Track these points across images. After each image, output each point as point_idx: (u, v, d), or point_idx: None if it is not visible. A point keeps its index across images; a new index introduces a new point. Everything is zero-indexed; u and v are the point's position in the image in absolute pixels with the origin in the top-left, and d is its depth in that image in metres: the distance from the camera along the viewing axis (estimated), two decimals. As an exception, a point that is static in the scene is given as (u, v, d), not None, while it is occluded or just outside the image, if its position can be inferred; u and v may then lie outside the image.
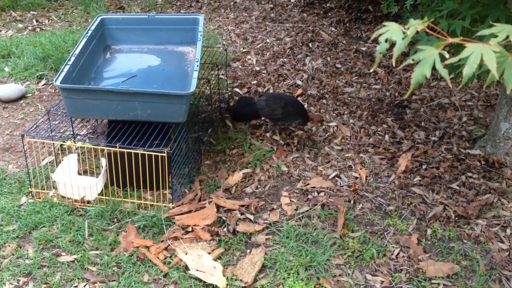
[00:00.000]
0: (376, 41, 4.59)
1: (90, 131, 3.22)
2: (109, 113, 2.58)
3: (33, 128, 2.83)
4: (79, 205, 2.68)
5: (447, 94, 3.78)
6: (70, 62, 2.67)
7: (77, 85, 2.62)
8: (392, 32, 1.31)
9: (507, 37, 1.27)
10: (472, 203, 2.75)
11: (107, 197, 2.70)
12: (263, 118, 3.35)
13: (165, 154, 2.54)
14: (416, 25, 1.31)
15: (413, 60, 1.30)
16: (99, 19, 3.19)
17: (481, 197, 2.79)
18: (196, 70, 2.69)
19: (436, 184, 2.90)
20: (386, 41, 1.32)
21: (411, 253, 2.48)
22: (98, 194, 2.72)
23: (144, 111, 2.58)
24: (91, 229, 2.54)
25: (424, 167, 3.04)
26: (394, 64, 1.41)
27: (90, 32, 3.05)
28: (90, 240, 2.49)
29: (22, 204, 2.70)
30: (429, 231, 2.60)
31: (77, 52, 2.84)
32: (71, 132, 3.06)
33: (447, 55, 1.26)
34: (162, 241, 2.49)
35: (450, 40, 1.30)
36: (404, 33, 1.31)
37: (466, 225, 2.63)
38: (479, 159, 3.07)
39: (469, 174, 2.96)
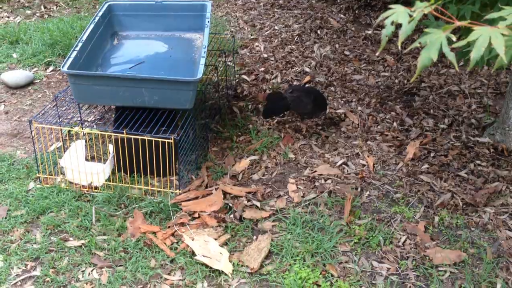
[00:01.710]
0: (383, 26, 4.55)
1: (98, 117, 3.22)
2: (116, 99, 2.58)
3: (41, 114, 2.84)
4: (87, 191, 2.69)
5: (456, 81, 3.75)
6: (77, 48, 2.67)
7: (84, 71, 2.63)
8: (398, 15, 1.29)
9: None
10: (480, 191, 2.73)
11: (114, 183, 2.71)
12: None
13: (172, 141, 2.54)
14: (422, 7, 1.29)
15: (420, 43, 1.29)
16: (106, 5, 3.18)
17: (489, 185, 2.77)
18: (204, 57, 2.68)
19: (444, 171, 2.88)
20: (392, 23, 1.30)
21: (418, 241, 2.47)
22: (106, 180, 2.73)
23: (151, 97, 2.58)
24: (98, 214, 2.55)
25: (432, 154, 3.02)
26: (399, 48, 1.39)
27: (97, 18, 3.05)
28: (98, 225, 2.51)
29: (30, 190, 2.72)
30: (436, 219, 2.59)
31: (84, 38, 2.83)
32: (79, 118, 3.07)
33: (454, 38, 1.24)
34: (168, 227, 2.50)
35: (458, 23, 1.28)
36: (410, 16, 1.29)
37: (474, 212, 2.62)
38: (488, 147, 3.04)
39: (478, 162, 2.94)
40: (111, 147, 2.80)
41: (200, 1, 3.36)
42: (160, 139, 2.55)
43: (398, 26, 1.31)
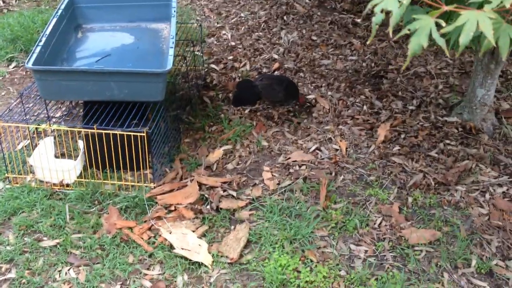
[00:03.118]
0: (350, 11, 4.57)
1: (65, 113, 3.15)
2: (84, 94, 2.53)
3: (6, 112, 2.76)
4: (58, 189, 2.64)
5: (422, 63, 3.80)
6: (41, 43, 2.60)
7: (50, 67, 2.56)
8: (388, 2, 1.29)
9: (501, 2, 1.26)
10: (451, 169, 2.79)
11: (87, 180, 2.66)
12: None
13: (144, 134, 2.51)
14: None
15: (409, 30, 1.29)
16: (68, -3, 3.09)
17: (459, 163, 2.83)
18: (172, 47, 2.64)
19: (415, 152, 2.93)
20: (382, 11, 1.30)
21: (393, 222, 2.51)
22: (77, 177, 2.68)
23: (120, 90, 2.53)
24: (72, 212, 2.50)
25: (402, 136, 3.06)
26: (391, 35, 1.39)
27: (60, 11, 2.97)
28: (72, 223, 2.46)
29: (-1, 190, 2.65)
30: (410, 199, 2.63)
31: (47, 32, 2.75)
32: (46, 115, 2.99)
33: (443, 24, 1.25)
34: (145, 222, 2.48)
35: (445, 8, 1.28)
36: (399, 2, 1.30)
37: (446, 191, 2.67)
38: (456, 126, 3.10)
39: (447, 141, 3.00)
40: (81, 143, 2.74)
41: (165, -10, 3.30)
42: (132, 133, 2.51)
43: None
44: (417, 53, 1.26)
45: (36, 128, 2.92)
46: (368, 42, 3.61)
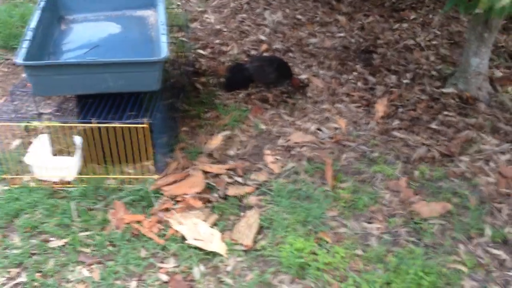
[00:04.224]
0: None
1: (55, 108, 3.04)
2: (79, 87, 2.44)
3: (-5, 112, 2.65)
4: (59, 187, 2.55)
5: (411, 35, 3.79)
6: (28, 38, 2.49)
7: (43, 61, 2.46)
8: None
9: None
10: (453, 140, 2.79)
11: (87, 176, 2.58)
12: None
13: (147, 125, 2.43)
14: None
15: None
16: (50, -12, 2.97)
17: (460, 134, 2.84)
18: (164, 34, 2.56)
19: (415, 125, 2.92)
20: None
21: (402, 197, 2.50)
22: (77, 174, 2.59)
23: (116, 82, 2.44)
24: (77, 210, 2.43)
25: (401, 110, 3.05)
26: None
27: (42, 3, 2.84)
28: (78, 221, 2.39)
29: (-4, 193, 2.55)
30: (416, 173, 2.63)
31: (32, 26, 2.64)
32: (35, 112, 2.89)
33: None
34: (153, 214, 2.42)
35: None
36: None
37: (451, 163, 2.68)
38: (453, 96, 3.11)
39: (446, 112, 3.00)
40: (77, 139, 2.65)
41: (148, -25, 3.20)
42: (133, 125, 2.44)
43: None
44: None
45: (28, 126, 2.82)
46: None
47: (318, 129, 2.94)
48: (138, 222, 2.37)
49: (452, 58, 3.48)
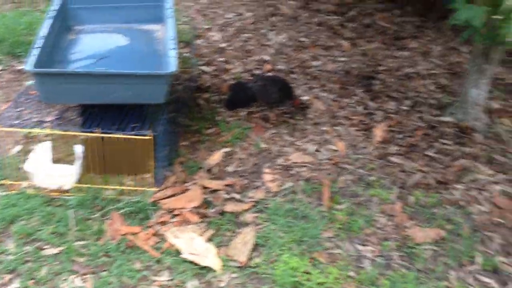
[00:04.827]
0: (335, 13, 4.59)
1: (58, 117, 3.07)
2: (87, 97, 2.47)
3: (-1, 117, 2.68)
4: (57, 195, 2.57)
5: (411, 64, 3.85)
6: (39, 46, 2.53)
7: (54, 69, 2.50)
8: None
9: None
10: (449, 168, 2.83)
11: (86, 185, 2.60)
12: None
13: (150, 138, 2.47)
14: None
15: None
16: (61, -2, 3.03)
17: (456, 162, 2.88)
18: (174, 49, 2.61)
19: (413, 152, 2.96)
20: None
21: (397, 221, 2.53)
22: (75, 183, 2.61)
23: (124, 93, 2.48)
24: (74, 219, 2.44)
25: (399, 136, 3.09)
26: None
27: (52, 12, 2.90)
28: (74, 230, 2.40)
29: (-5, 198, 2.56)
30: (411, 199, 2.66)
31: (42, 34, 2.69)
32: (38, 120, 2.92)
33: None
34: (150, 227, 2.43)
35: None
36: None
37: (446, 190, 2.71)
38: (451, 125, 3.15)
39: (443, 141, 3.04)
40: (78, 148, 2.68)
41: (158, -9, 3.26)
42: (137, 137, 2.47)
43: None
44: None
45: (31, 133, 2.84)
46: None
47: (317, 150, 2.98)
48: (134, 234, 2.39)
49: (451, 88, 3.53)
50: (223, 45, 4.03)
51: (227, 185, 2.69)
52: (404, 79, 3.66)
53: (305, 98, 3.41)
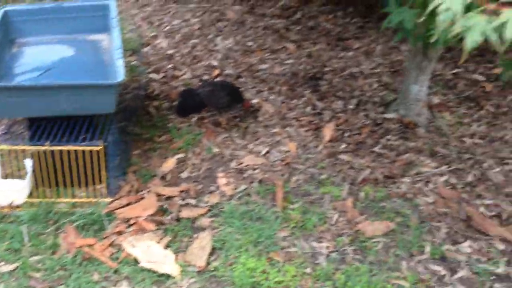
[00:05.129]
0: (280, 17, 4.68)
1: (5, 131, 3.02)
2: (33, 110, 2.45)
3: None
4: (9, 211, 2.52)
5: (355, 63, 3.97)
6: (-19, 60, 2.48)
7: (-4, 84, 2.45)
8: (451, 2, 1.38)
9: None
10: (395, 163, 2.95)
11: (38, 199, 2.56)
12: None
13: (101, 148, 2.46)
14: None
15: (460, 28, 1.38)
16: (2, 11, 2.97)
17: (402, 157, 3.00)
18: (121, 58, 2.61)
19: (360, 149, 3.06)
20: (447, 10, 1.39)
21: (349, 217, 2.62)
22: (27, 197, 2.57)
23: (70, 104, 2.47)
24: (28, 234, 2.41)
25: (347, 134, 3.19)
26: (455, 32, 1.42)
27: (-6, 26, 2.85)
28: (28, 246, 2.37)
29: None
30: (361, 194, 2.75)
31: (-16, 48, 2.64)
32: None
33: (493, 21, 1.35)
34: (105, 238, 2.43)
35: (490, 7, 1.39)
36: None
37: (393, 184, 2.82)
38: (394, 122, 3.28)
39: (388, 137, 3.16)
40: (28, 162, 2.64)
41: (102, 1, 3.25)
42: (87, 148, 2.46)
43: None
44: (473, 50, 1.35)
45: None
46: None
47: (269, 152, 3.04)
48: (90, 245, 2.38)
49: (393, 86, 3.67)
50: (171, 52, 4.05)
51: (181, 191, 2.71)
52: (349, 78, 3.78)
53: (254, 101, 3.47)
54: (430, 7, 1.45)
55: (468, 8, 1.43)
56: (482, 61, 3.89)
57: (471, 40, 1.38)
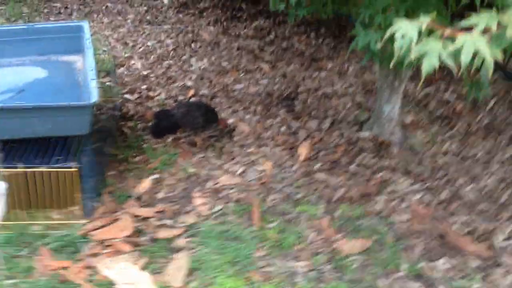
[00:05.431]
0: (254, 37, 4.74)
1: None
2: (6, 132, 2.41)
3: None
4: (-20, 235, 2.47)
5: (329, 83, 4.03)
6: (-48, 82, 2.45)
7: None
8: (407, 28, 1.42)
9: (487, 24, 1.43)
10: (370, 181, 2.98)
11: (12, 222, 2.51)
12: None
13: (76, 170, 2.43)
14: (426, 21, 1.44)
15: (417, 54, 1.42)
16: (-27, 32, 2.94)
17: (376, 175, 3.04)
18: (94, 79, 2.60)
19: (335, 168, 3.10)
20: (402, 37, 1.43)
21: (326, 235, 2.63)
22: (1, 220, 2.52)
23: (43, 126, 2.44)
24: (1, 257, 2.35)
25: (322, 153, 3.22)
26: (413, 57, 1.46)
27: (-35, 47, 2.81)
28: (2, 269, 2.31)
29: None
30: (337, 212, 2.78)
31: (-45, 70, 2.60)
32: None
33: (450, 46, 1.39)
34: (80, 260, 2.39)
35: (447, 31, 1.44)
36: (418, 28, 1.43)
37: (368, 202, 2.85)
38: (368, 141, 3.33)
39: (363, 155, 3.20)
40: (0, 185, 2.58)
41: (76, 22, 3.25)
42: (61, 170, 2.43)
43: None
44: (430, 74, 1.39)
45: None
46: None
47: (245, 171, 3.05)
48: (65, 268, 2.34)
49: (366, 105, 3.73)
50: (145, 72, 4.05)
51: (157, 212, 2.69)
52: (323, 98, 3.83)
53: (230, 121, 3.49)
54: (387, 34, 1.50)
55: (429, 32, 1.49)
56: (453, 81, 3.99)
57: (429, 64, 1.43)
